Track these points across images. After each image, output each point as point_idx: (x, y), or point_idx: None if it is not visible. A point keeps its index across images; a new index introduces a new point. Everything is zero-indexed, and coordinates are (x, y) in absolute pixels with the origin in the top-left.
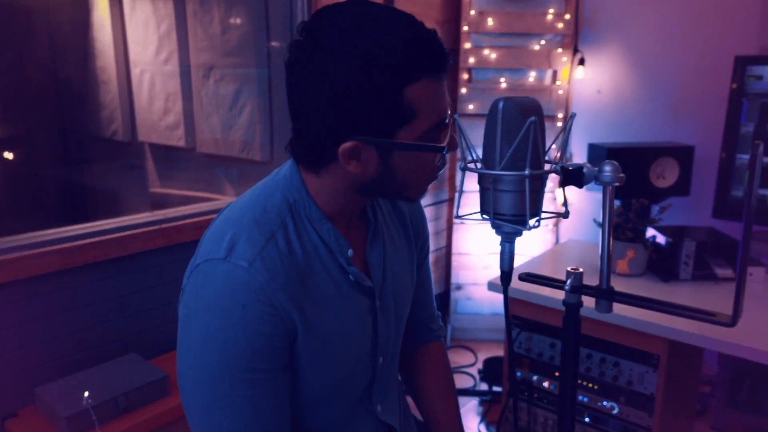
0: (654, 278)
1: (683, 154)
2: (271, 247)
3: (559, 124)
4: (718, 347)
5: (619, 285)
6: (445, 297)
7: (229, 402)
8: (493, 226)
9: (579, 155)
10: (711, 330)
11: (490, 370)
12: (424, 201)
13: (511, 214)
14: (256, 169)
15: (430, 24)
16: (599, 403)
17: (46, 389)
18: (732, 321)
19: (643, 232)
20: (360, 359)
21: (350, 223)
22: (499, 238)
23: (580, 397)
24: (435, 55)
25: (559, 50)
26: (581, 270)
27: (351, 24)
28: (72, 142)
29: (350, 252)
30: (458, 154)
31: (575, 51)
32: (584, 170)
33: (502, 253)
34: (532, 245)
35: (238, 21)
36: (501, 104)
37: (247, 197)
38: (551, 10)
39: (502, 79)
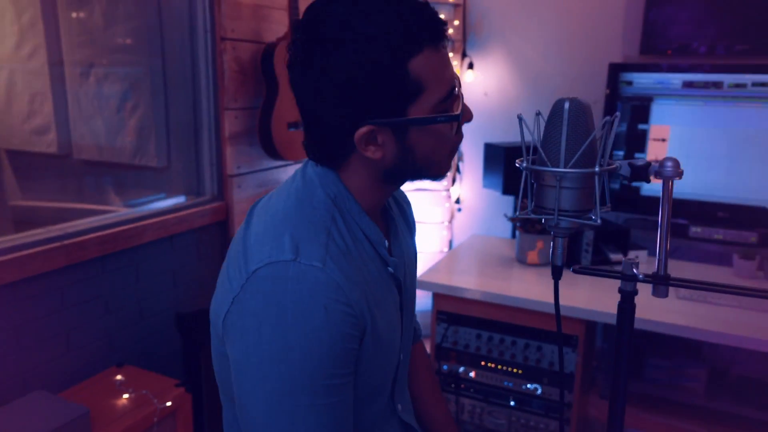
0: None
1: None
2: (332, 244)
3: None
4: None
5: (529, 273)
6: None
7: (310, 411)
8: (553, 222)
9: (474, 155)
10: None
11: None
12: None
13: (573, 211)
14: (150, 175)
15: None
16: (523, 386)
17: None
18: None
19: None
20: (392, 358)
21: (376, 216)
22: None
23: (505, 383)
24: (431, 25)
25: (450, 55)
26: (638, 260)
27: (344, 12)
28: None
29: (387, 243)
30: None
31: (464, 56)
32: (649, 166)
33: (554, 248)
34: (429, 242)
35: (125, 12)
36: (567, 105)
37: (283, 198)
38: (442, 16)
39: None
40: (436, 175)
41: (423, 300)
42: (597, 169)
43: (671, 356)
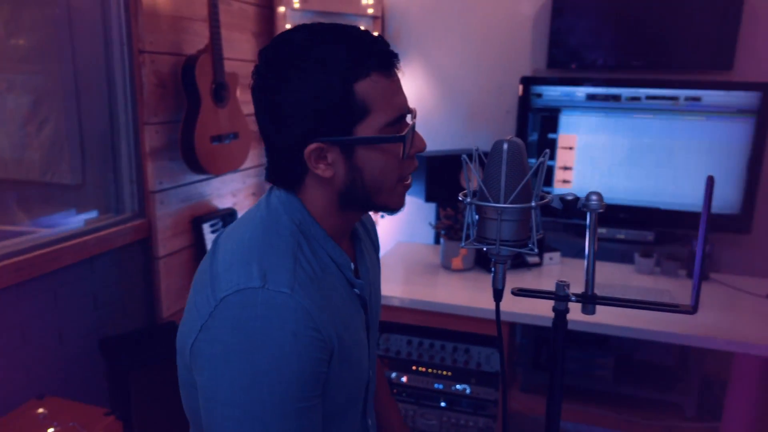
0: (482, 270)
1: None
2: (299, 270)
3: None
4: (538, 322)
5: (454, 279)
6: None
7: None
8: (495, 251)
9: None
10: (537, 309)
11: None
12: None
13: (513, 240)
14: (63, 193)
15: (246, 36)
16: (453, 387)
17: None
18: (693, 310)
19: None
20: (362, 375)
21: (343, 240)
22: None
23: (436, 385)
24: (380, 54)
25: None
26: (568, 282)
27: (301, 38)
28: None
29: (352, 266)
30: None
31: None
32: (577, 200)
33: (495, 273)
34: None
35: (31, 21)
36: (505, 146)
37: (249, 226)
38: (362, 28)
39: None
40: (387, 202)
41: None
42: (533, 203)
43: (583, 348)
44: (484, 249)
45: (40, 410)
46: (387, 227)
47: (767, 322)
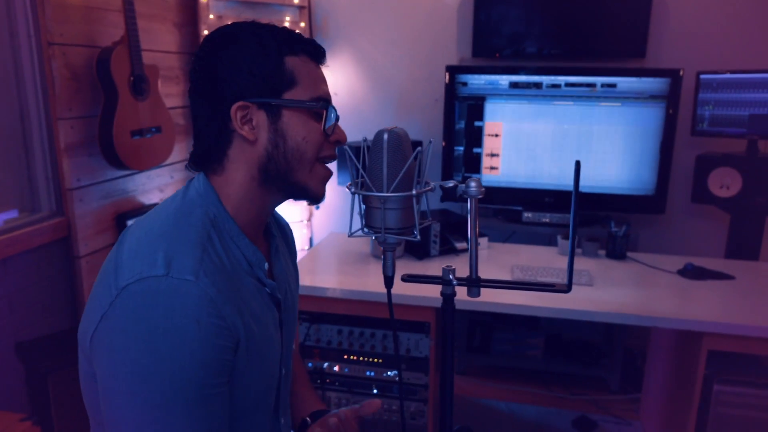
0: (411, 258)
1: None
2: (207, 260)
3: None
4: (470, 306)
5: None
6: None
7: (184, 423)
8: (381, 239)
9: None
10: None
11: None
12: None
13: (398, 228)
14: None
15: (167, 27)
16: (384, 374)
17: None
18: (567, 288)
19: None
20: (272, 372)
21: (258, 238)
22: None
23: (368, 372)
24: (311, 43)
25: None
26: (453, 267)
27: (239, 25)
28: None
29: (266, 266)
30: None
31: None
32: (456, 187)
33: (385, 260)
34: None
35: None
36: (385, 136)
37: (163, 215)
38: (288, 18)
39: None
40: (306, 182)
41: None
42: (414, 192)
43: (514, 329)
44: (373, 238)
45: None
46: (322, 217)
47: (679, 296)
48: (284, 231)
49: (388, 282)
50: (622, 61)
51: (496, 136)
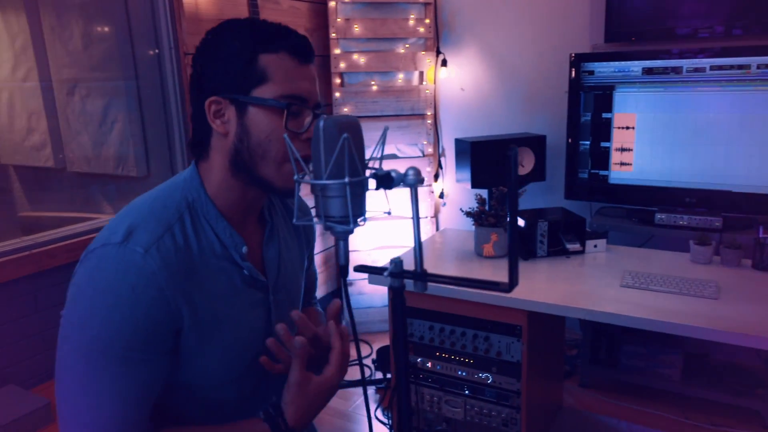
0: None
1: (536, 143)
2: (168, 239)
3: (429, 121)
4: (557, 312)
5: (486, 266)
6: (338, 294)
7: (99, 377)
8: (326, 227)
9: (450, 150)
10: (564, 299)
11: (383, 359)
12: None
13: (339, 216)
14: (133, 185)
15: (299, 32)
16: (475, 375)
17: None
18: (509, 288)
19: (504, 217)
20: (251, 347)
21: (246, 223)
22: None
23: (459, 372)
24: (293, 39)
25: (423, 52)
26: (401, 259)
27: (227, 22)
28: None
29: (245, 249)
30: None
31: (438, 53)
32: (392, 175)
33: (337, 249)
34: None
35: (100, 33)
36: (321, 123)
37: (148, 195)
38: (412, 15)
39: (373, 82)
40: (271, 177)
41: (380, 296)
42: (347, 179)
43: (646, 343)
44: (325, 226)
45: None
46: (448, 213)
47: None
48: (296, 227)
49: (343, 271)
50: None
51: (627, 128)
